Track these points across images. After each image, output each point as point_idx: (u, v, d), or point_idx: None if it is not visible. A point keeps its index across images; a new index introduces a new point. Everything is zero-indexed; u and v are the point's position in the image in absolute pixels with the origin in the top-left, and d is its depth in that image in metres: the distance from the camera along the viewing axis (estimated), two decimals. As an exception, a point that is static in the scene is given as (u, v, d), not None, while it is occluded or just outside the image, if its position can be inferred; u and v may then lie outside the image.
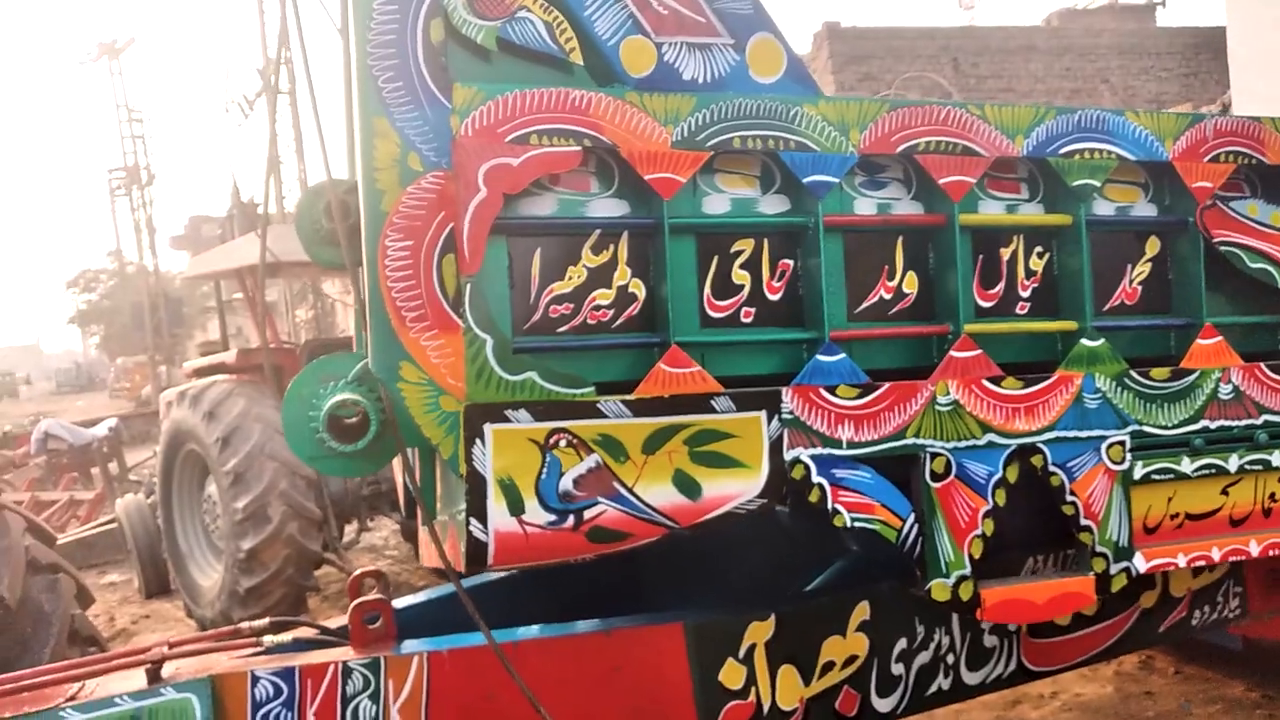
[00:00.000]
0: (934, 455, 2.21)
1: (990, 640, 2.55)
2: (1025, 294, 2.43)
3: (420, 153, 1.89)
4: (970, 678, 2.55)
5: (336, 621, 2.34)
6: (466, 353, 1.89)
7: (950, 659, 2.49)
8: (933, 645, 2.47)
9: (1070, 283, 2.40)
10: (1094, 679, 4.93)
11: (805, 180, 2.14)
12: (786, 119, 2.13)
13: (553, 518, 1.94)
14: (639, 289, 2.13)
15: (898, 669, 2.48)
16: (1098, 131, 2.36)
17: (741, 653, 2.34)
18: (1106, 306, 2.49)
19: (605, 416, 1.98)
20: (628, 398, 2.00)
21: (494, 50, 1.99)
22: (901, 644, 2.47)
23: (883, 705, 2.46)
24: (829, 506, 2.13)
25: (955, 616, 2.41)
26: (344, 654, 2.15)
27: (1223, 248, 2.48)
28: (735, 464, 2.06)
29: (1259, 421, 2.48)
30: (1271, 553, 2.52)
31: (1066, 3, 20.58)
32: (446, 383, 1.89)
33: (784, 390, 2.11)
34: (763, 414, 2.09)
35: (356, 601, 2.25)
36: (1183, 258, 2.51)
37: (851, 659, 2.44)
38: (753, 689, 2.35)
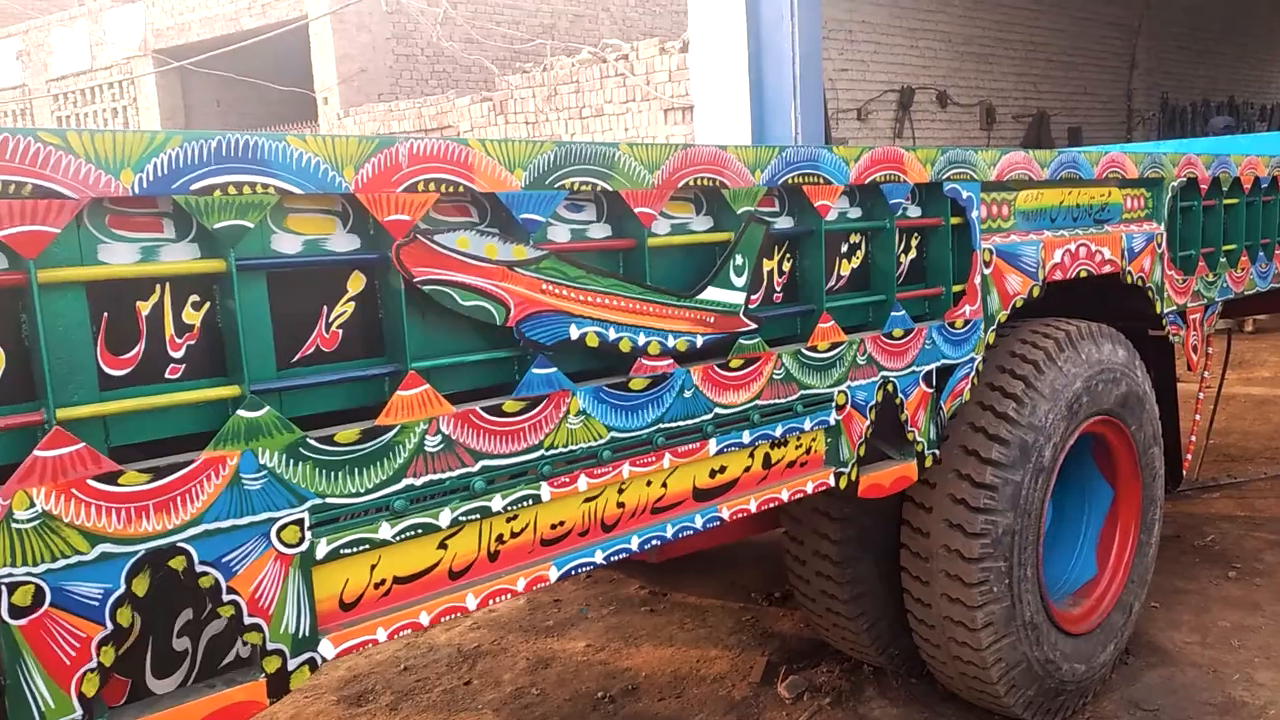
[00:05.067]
0: (12, 587, 1.73)
1: None
2: (178, 354, 2.01)
3: None
4: None
5: None
6: None
7: None
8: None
9: (230, 340, 2.02)
10: (514, 591, 5.03)
11: None
12: None
13: None
14: None
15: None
16: (248, 161, 1.96)
17: None
18: (297, 357, 2.16)
19: None
20: None
21: None
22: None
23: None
24: None
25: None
26: None
27: (427, 288, 2.24)
28: None
29: (475, 469, 2.32)
30: (491, 602, 2.43)
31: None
32: None
33: None
34: None
35: None
36: (389, 296, 2.25)
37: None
38: None
